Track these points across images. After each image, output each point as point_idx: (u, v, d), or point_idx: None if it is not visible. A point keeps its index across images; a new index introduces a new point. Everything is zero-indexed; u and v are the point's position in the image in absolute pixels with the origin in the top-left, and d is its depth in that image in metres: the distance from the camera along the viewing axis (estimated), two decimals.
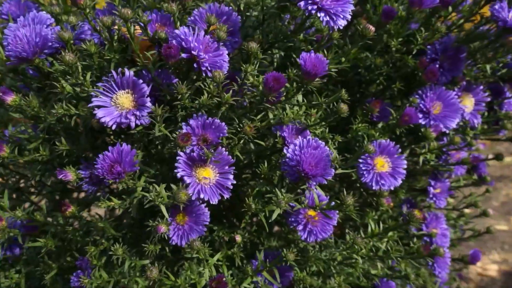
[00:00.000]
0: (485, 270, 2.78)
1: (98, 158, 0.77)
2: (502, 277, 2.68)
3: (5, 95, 0.87)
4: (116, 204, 0.87)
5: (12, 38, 0.84)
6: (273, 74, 0.83)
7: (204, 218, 0.94)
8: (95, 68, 0.90)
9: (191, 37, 0.84)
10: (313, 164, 0.86)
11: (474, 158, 1.37)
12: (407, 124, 1.04)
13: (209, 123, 0.88)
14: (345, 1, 0.88)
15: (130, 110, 0.86)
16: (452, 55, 1.12)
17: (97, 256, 0.99)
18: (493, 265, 2.83)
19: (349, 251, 0.98)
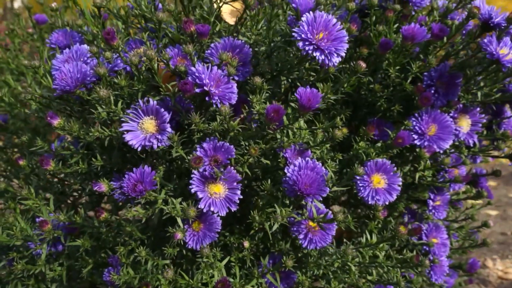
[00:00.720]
0: (506, 274, 2.79)
1: (125, 177, 0.93)
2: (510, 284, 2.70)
3: (52, 119, 1.05)
4: (141, 214, 1.03)
5: (58, 74, 1.02)
6: (273, 106, 0.96)
7: (216, 226, 1.09)
8: (125, 97, 1.06)
9: (204, 74, 0.98)
10: (308, 184, 0.99)
11: (475, 173, 1.45)
12: (400, 145, 1.15)
13: (219, 146, 1.02)
14: (340, 41, 1.00)
15: (153, 134, 1.02)
16: (447, 81, 1.22)
17: (125, 255, 1.16)
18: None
19: (343, 259, 1.10)
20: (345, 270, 1.15)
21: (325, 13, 1.01)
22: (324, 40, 0.99)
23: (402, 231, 1.02)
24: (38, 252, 1.23)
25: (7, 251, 1.27)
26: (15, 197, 1.34)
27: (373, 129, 1.13)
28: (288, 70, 1.14)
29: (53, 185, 1.41)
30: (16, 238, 1.16)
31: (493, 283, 2.70)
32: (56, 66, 1.13)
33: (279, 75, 1.17)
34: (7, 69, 1.93)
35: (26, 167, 1.30)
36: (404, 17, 1.28)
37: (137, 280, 1.14)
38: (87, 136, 1.07)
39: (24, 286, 1.30)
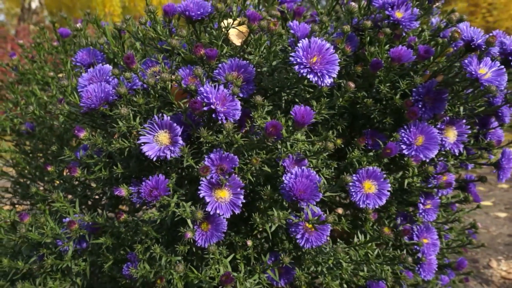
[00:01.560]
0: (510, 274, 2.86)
1: (142, 184, 1.07)
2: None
3: (79, 132, 1.20)
4: (156, 215, 1.17)
5: (84, 93, 1.17)
6: (272, 122, 1.09)
7: (223, 227, 1.22)
8: (143, 112, 1.21)
9: (211, 94, 1.12)
10: (302, 190, 1.12)
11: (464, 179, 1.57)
12: (388, 155, 1.27)
13: (225, 156, 1.16)
14: (332, 64, 1.13)
15: (166, 146, 1.16)
16: (434, 96, 1.33)
17: (142, 252, 1.30)
18: None
19: (335, 256, 1.23)
20: (339, 266, 1.28)
21: (319, 39, 1.14)
22: (317, 63, 1.12)
23: (386, 232, 1.14)
24: (65, 248, 1.37)
25: (37, 247, 1.43)
26: (45, 199, 1.50)
27: (364, 140, 1.26)
28: (288, 87, 1.27)
29: (77, 188, 1.57)
30: (47, 236, 1.31)
31: (496, 282, 2.77)
32: (81, 84, 1.28)
33: (280, 92, 1.30)
34: (33, 80, 2.10)
35: (54, 172, 1.46)
36: (397, 36, 1.40)
37: (152, 274, 1.28)
38: (109, 147, 1.22)
39: (52, 279, 1.45)
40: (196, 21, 1.31)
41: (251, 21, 1.18)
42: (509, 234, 3.60)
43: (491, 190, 4.91)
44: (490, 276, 2.85)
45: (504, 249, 3.29)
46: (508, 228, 3.73)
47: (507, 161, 1.44)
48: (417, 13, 1.33)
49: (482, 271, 2.93)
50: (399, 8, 1.31)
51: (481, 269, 2.94)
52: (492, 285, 2.75)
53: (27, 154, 2.06)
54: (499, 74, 1.23)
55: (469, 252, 3.26)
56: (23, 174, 2.03)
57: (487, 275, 2.87)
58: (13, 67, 2.07)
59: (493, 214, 4.08)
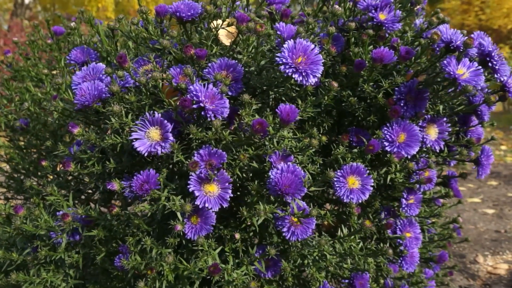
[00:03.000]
0: (495, 269, 2.94)
1: (133, 178, 1.11)
2: (510, 275, 2.83)
3: (73, 128, 1.25)
4: (147, 209, 1.22)
5: (78, 91, 1.21)
6: (258, 120, 1.14)
7: (212, 220, 1.27)
8: (134, 109, 1.25)
9: (200, 92, 1.17)
10: (287, 185, 1.17)
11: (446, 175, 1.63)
12: (371, 152, 1.32)
13: (213, 152, 1.21)
14: (317, 64, 1.18)
15: (157, 142, 1.21)
16: (415, 95, 1.39)
17: (133, 244, 1.35)
18: (504, 264, 2.99)
19: (319, 249, 1.28)
20: (324, 259, 1.33)
21: (304, 40, 1.19)
22: (302, 64, 1.17)
23: (368, 225, 1.20)
24: (58, 241, 1.42)
25: (32, 240, 1.47)
26: (39, 193, 1.54)
27: (347, 137, 1.31)
28: (275, 86, 1.32)
29: (70, 183, 1.61)
30: (41, 228, 1.36)
31: (482, 277, 2.85)
32: (75, 81, 1.32)
33: (268, 90, 1.35)
34: (27, 77, 2.14)
35: (48, 167, 1.50)
36: (381, 37, 1.45)
37: (143, 266, 1.33)
38: (102, 143, 1.26)
39: (46, 270, 1.50)
40: (186, 22, 1.35)
41: (240, 23, 1.23)
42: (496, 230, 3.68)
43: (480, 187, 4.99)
44: (477, 271, 2.92)
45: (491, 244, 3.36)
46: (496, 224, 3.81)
47: (486, 158, 1.50)
48: (400, 15, 1.38)
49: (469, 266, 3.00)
50: (383, 10, 1.37)
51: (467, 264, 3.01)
52: (478, 280, 2.82)
53: (21, 150, 2.10)
54: (476, 74, 1.28)
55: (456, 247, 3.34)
56: (17, 169, 2.06)
57: (473, 270, 2.94)
58: (8, 64, 2.11)
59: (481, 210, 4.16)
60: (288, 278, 1.38)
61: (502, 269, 2.93)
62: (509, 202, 4.42)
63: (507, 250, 3.24)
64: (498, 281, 2.81)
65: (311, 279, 1.34)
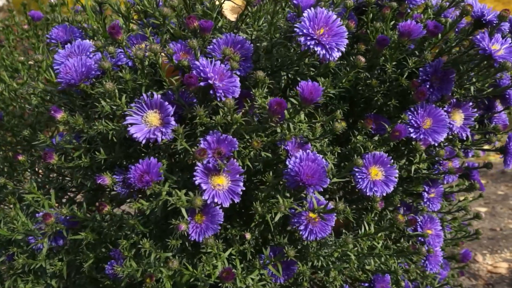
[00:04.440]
0: (496, 268, 2.86)
1: (131, 168, 0.94)
2: (511, 274, 2.76)
3: (56, 113, 1.06)
4: (145, 206, 1.04)
5: (63, 68, 1.03)
6: (276, 99, 0.98)
7: (219, 218, 1.10)
8: (129, 91, 1.08)
9: (208, 68, 1.00)
10: (309, 175, 1.02)
11: (467, 166, 1.50)
12: (397, 138, 1.18)
13: (222, 138, 1.04)
14: (340, 36, 1.03)
15: (157, 127, 1.04)
16: (441, 76, 1.25)
17: (128, 248, 1.17)
18: (503, 263, 2.92)
19: (343, 248, 1.13)
20: (344, 260, 1.18)
21: (326, 10, 1.04)
22: (325, 35, 1.02)
23: (401, 220, 1.05)
24: (38, 246, 1.23)
25: (6, 246, 1.27)
26: (14, 192, 1.34)
27: (371, 122, 1.16)
28: (288, 66, 1.17)
29: (52, 180, 1.42)
30: (18, 232, 1.16)
31: (483, 277, 2.76)
32: (58, 60, 1.14)
33: (279, 71, 1.20)
34: (1, 66, 1.93)
35: (26, 162, 1.31)
36: (400, 14, 1.31)
37: (139, 273, 1.15)
38: (90, 130, 1.08)
39: (23, 281, 1.30)
40: None
41: None
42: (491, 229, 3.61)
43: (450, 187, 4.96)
44: (477, 270, 2.84)
45: (488, 243, 3.29)
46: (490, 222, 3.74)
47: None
48: None
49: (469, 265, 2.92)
50: None
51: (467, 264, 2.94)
52: (480, 280, 2.74)
53: None
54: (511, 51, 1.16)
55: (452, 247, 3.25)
56: None
57: (474, 270, 2.86)
58: None
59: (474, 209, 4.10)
60: (303, 282, 1.22)
61: (503, 268, 2.86)
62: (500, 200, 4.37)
63: (505, 249, 3.17)
64: (500, 281, 2.73)
65: (328, 283, 1.19)
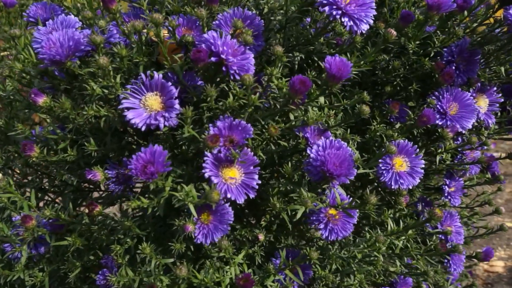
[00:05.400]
0: (492, 267, 2.82)
1: (132, 158, 0.79)
2: (508, 273, 2.72)
3: (37, 97, 0.90)
4: (145, 204, 0.89)
5: (45, 42, 0.87)
6: (299, 77, 0.85)
7: (229, 217, 0.96)
8: (124, 71, 0.92)
9: (219, 41, 0.86)
10: (337, 164, 0.88)
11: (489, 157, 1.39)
12: (425, 124, 1.06)
13: (235, 124, 0.90)
14: (368, 6, 0.91)
15: (159, 112, 0.89)
16: (467, 57, 1.15)
17: (122, 254, 1.01)
18: (499, 261, 2.87)
19: (370, 248, 1.00)
20: (370, 261, 1.05)
21: None
22: (352, 4, 0.89)
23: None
24: (16, 255, 1.06)
25: None
26: None
27: (397, 106, 1.04)
28: (303, 44, 1.03)
29: (31, 180, 1.24)
30: None
31: (481, 276, 2.71)
32: (38, 38, 0.97)
33: (292, 50, 1.07)
34: None
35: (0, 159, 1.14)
36: None
37: (137, 283, 1.00)
38: (78, 118, 0.92)
39: None
40: None
41: None
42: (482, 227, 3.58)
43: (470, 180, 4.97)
44: (474, 269, 2.78)
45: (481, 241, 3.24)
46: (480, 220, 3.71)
47: None
48: None
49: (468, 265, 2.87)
50: None
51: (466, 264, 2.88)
52: (478, 279, 2.69)
53: None
54: None
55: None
56: None
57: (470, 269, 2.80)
58: None
59: None
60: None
61: (499, 266, 2.81)
62: None
63: (499, 247, 3.12)
64: (499, 280, 2.68)
65: None
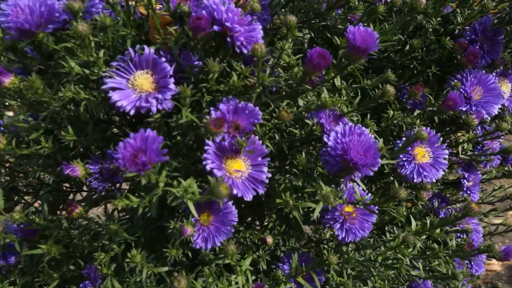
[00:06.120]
0: (489, 265, 2.75)
1: (119, 146, 0.64)
2: (507, 271, 2.66)
3: (2, 76, 0.75)
4: (135, 203, 0.74)
5: (12, 8, 0.72)
6: (318, 49, 0.72)
7: (232, 218, 0.83)
8: (108, 47, 0.78)
9: (222, 7, 0.73)
10: (361, 153, 0.76)
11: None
12: (450, 109, 0.94)
13: (241, 107, 0.77)
14: None
15: (150, 93, 0.75)
16: (491, 37, 1.04)
17: (107, 263, 0.87)
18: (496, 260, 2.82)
19: (394, 250, 0.87)
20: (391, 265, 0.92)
21: None
22: None
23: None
24: None
25: None
26: None
27: (421, 88, 0.92)
28: (314, 17, 0.91)
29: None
30: None
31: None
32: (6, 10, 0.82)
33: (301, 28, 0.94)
34: None
35: None
36: None
37: None
38: (53, 102, 0.77)
39: None
40: None
41: None
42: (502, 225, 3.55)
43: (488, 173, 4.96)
44: None
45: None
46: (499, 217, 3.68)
47: None
48: None
49: None
50: None
51: None
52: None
53: None
54: None
55: None
56: None
57: None
58: None
59: None
60: None
61: (496, 264, 2.74)
62: None
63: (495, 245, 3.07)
64: (498, 278, 2.61)
65: None
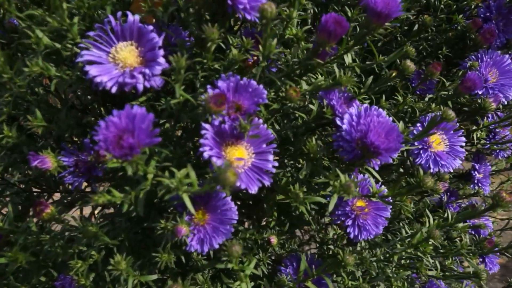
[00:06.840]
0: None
1: (100, 125, 0.52)
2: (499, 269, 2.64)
3: None
4: (118, 199, 0.62)
5: None
6: (333, 15, 0.62)
7: (232, 215, 0.72)
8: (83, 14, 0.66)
9: None
10: (383, 136, 0.65)
11: None
12: (469, 91, 0.85)
13: (243, 85, 0.65)
14: None
15: (136, 68, 0.63)
16: (505, 14, 0.96)
17: (85, 273, 0.74)
18: None
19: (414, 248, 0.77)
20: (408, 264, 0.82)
21: None
22: None
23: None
24: None
25: None
26: None
27: (439, 67, 0.82)
28: None
29: None
30: None
31: None
32: None
33: None
34: None
35: None
36: None
37: None
38: (17, 80, 0.65)
39: None
40: None
41: None
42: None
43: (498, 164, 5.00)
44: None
45: None
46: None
47: None
48: None
49: None
50: None
51: None
52: None
53: None
54: None
55: None
56: None
57: None
58: None
59: None
60: None
61: None
62: None
63: None
64: (491, 277, 2.58)
65: None
